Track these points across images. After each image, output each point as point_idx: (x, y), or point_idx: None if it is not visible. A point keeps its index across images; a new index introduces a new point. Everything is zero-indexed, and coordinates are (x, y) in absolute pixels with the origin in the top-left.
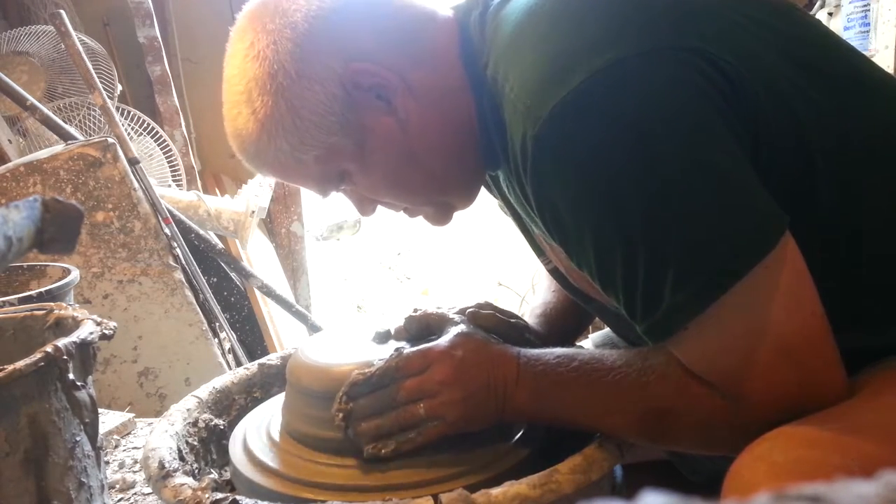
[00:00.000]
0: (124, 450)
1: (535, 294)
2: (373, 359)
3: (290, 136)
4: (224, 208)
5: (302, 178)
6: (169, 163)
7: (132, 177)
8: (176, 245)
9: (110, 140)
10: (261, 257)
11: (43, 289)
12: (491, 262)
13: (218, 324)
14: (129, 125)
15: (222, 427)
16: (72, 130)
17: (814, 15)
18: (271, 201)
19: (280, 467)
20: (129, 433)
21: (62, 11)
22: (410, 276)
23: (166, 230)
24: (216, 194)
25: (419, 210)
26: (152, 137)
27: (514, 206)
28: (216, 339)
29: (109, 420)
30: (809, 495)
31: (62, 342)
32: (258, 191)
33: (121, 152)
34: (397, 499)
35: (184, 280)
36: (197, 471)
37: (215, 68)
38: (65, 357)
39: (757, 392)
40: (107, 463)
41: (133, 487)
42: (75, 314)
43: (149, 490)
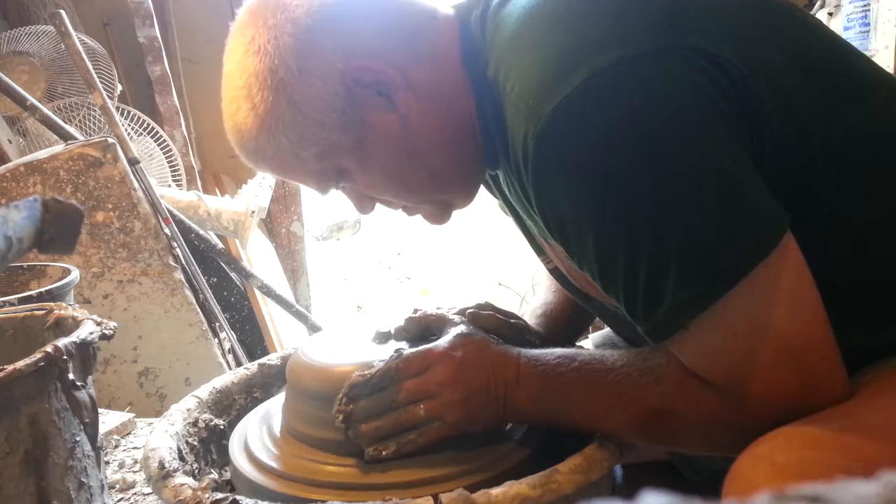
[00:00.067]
0: (124, 450)
1: (536, 294)
2: (373, 359)
3: (290, 132)
4: (224, 208)
5: (301, 175)
6: (169, 163)
7: (132, 177)
8: (176, 245)
9: (110, 140)
10: (261, 257)
11: (43, 289)
12: (491, 262)
13: (218, 324)
14: (129, 125)
15: (222, 427)
16: (72, 130)
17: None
18: (271, 201)
19: (280, 467)
20: (129, 433)
21: (62, 11)
22: (410, 276)
23: (166, 230)
24: (216, 194)
25: (418, 208)
26: (152, 137)
27: (514, 206)
28: (216, 339)
29: (109, 420)
30: (809, 495)
31: (62, 342)
32: (258, 191)
33: (121, 152)
34: (397, 499)
35: (184, 280)
36: (197, 471)
37: (215, 68)
38: (65, 357)
39: (758, 392)
40: (107, 463)
41: (133, 487)
42: (75, 314)
43: (149, 490)
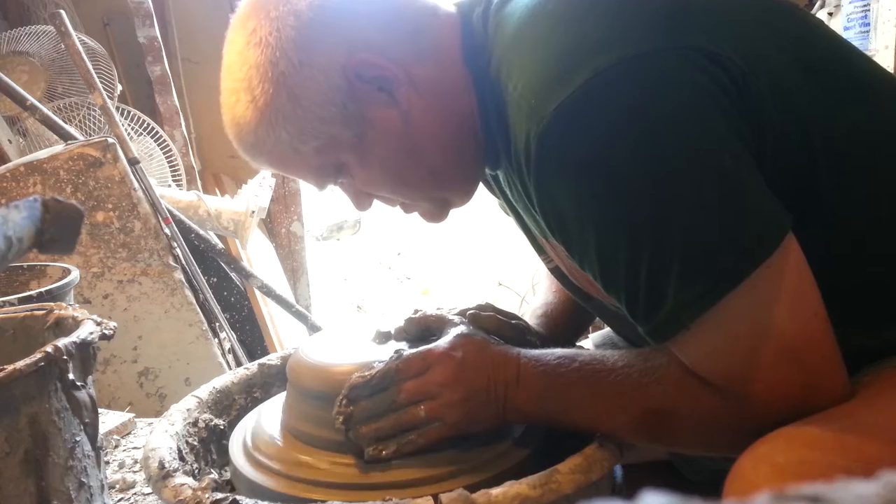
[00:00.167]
0: (124, 450)
1: (536, 295)
2: (373, 360)
3: (290, 126)
4: (224, 208)
5: (299, 170)
6: (169, 163)
7: (132, 177)
8: (176, 245)
9: (110, 140)
10: (261, 257)
11: (43, 289)
12: (491, 262)
13: (218, 324)
14: (129, 125)
15: (222, 427)
16: (72, 130)
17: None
18: (271, 201)
19: (280, 467)
20: (129, 433)
21: (62, 11)
22: (410, 276)
23: (166, 230)
24: (216, 194)
25: (415, 206)
26: (152, 137)
27: (515, 205)
28: (216, 339)
29: (109, 420)
30: (809, 495)
31: (62, 342)
32: (258, 191)
33: (121, 152)
34: (397, 498)
35: (184, 280)
36: (197, 471)
37: (215, 68)
38: (65, 357)
39: (759, 393)
40: (107, 463)
41: (133, 487)
42: (75, 314)
43: (149, 490)
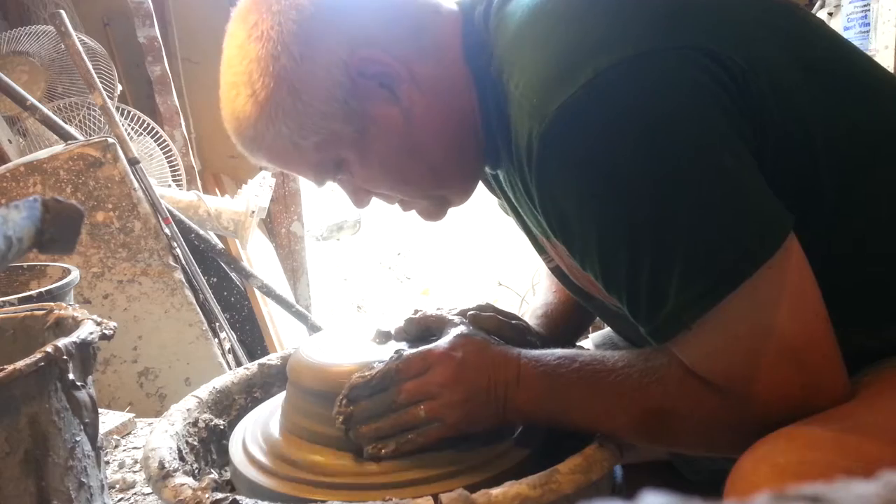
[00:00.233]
0: (124, 450)
1: (536, 295)
2: (373, 360)
3: (290, 121)
4: (224, 208)
5: (298, 165)
6: (169, 163)
7: (132, 177)
8: (176, 245)
9: (110, 140)
10: (261, 257)
11: (43, 289)
12: (491, 262)
13: (218, 324)
14: (129, 125)
15: (222, 427)
16: (72, 130)
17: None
18: (271, 201)
19: (280, 467)
20: (129, 433)
21: (62, 11)
22: (410, 276)
23: (166, 230)
24: (216, 194)
25: (414, 203)
26: (152, 137)
27: (515, 205)
28: (216, 339)
29: (109, 420)
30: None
31: (62, 342)
32: (258, 191)
33: (121, 152)
34: (397, 498)
35: (184, 280)
36: (197, 471)
37: (215, 68)
38: (65, 357)
39: (759, 393)
40: (107, 463)
41: (133, 487)
42: (75, 314)
43: (149, 490)
